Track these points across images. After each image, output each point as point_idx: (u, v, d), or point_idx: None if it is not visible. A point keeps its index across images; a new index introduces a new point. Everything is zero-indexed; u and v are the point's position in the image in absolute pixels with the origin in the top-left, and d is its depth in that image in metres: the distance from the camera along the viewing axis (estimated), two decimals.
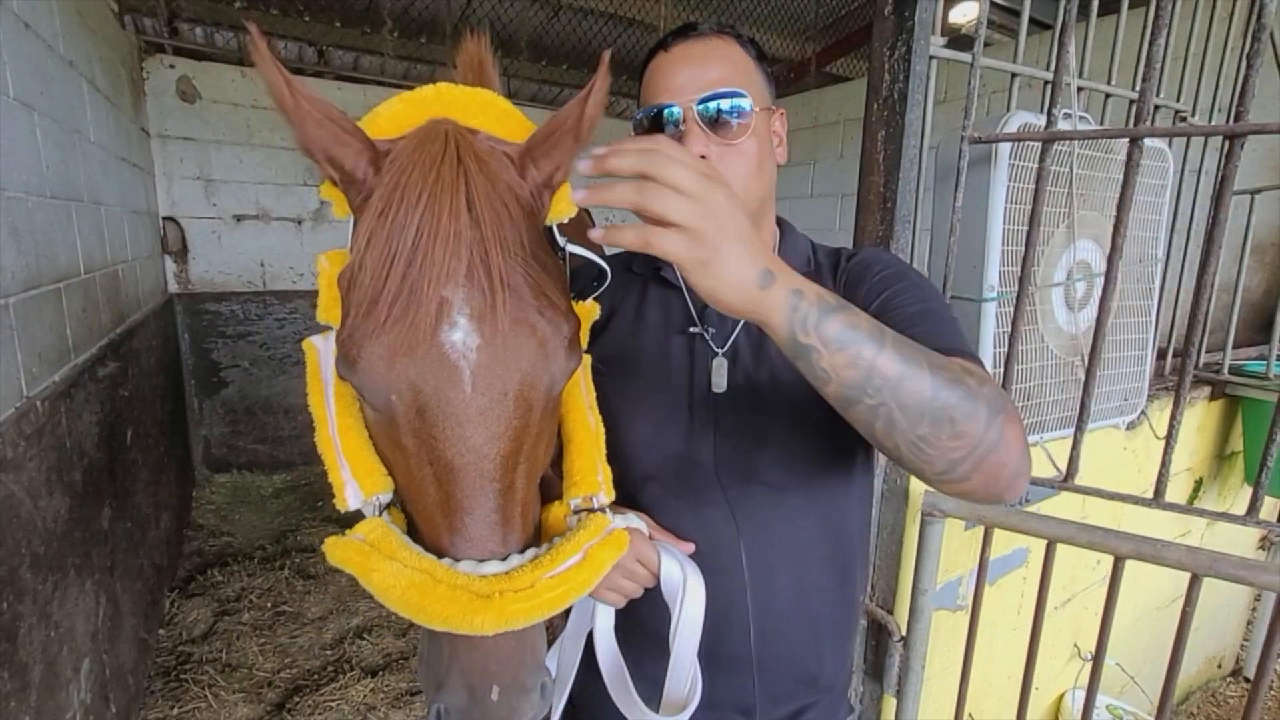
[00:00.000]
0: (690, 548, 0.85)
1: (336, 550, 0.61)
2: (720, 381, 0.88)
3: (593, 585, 0.63)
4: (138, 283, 3.04)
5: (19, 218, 1.63)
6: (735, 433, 0.87)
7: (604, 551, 0.66)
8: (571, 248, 0.74)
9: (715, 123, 0.82)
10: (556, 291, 0.63)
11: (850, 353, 0.57)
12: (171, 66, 3.90)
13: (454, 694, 0.60)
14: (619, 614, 0.87)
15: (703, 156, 0.80)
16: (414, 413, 0.58)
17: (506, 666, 0.60)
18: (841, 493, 0.90)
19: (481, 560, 0.59)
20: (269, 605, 2.93)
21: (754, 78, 0.87)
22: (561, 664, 0.90)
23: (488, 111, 0.67)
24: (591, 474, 0.74)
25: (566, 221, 0.70)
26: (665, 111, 0.83)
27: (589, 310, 0.76)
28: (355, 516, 0.65)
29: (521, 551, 0.62)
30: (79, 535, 1.78)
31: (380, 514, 0.65)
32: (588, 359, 0.81)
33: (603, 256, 0.83)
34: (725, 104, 0.82)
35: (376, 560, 0.59)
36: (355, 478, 0.64)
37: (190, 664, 2.53)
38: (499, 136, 0.66)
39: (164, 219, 3.97)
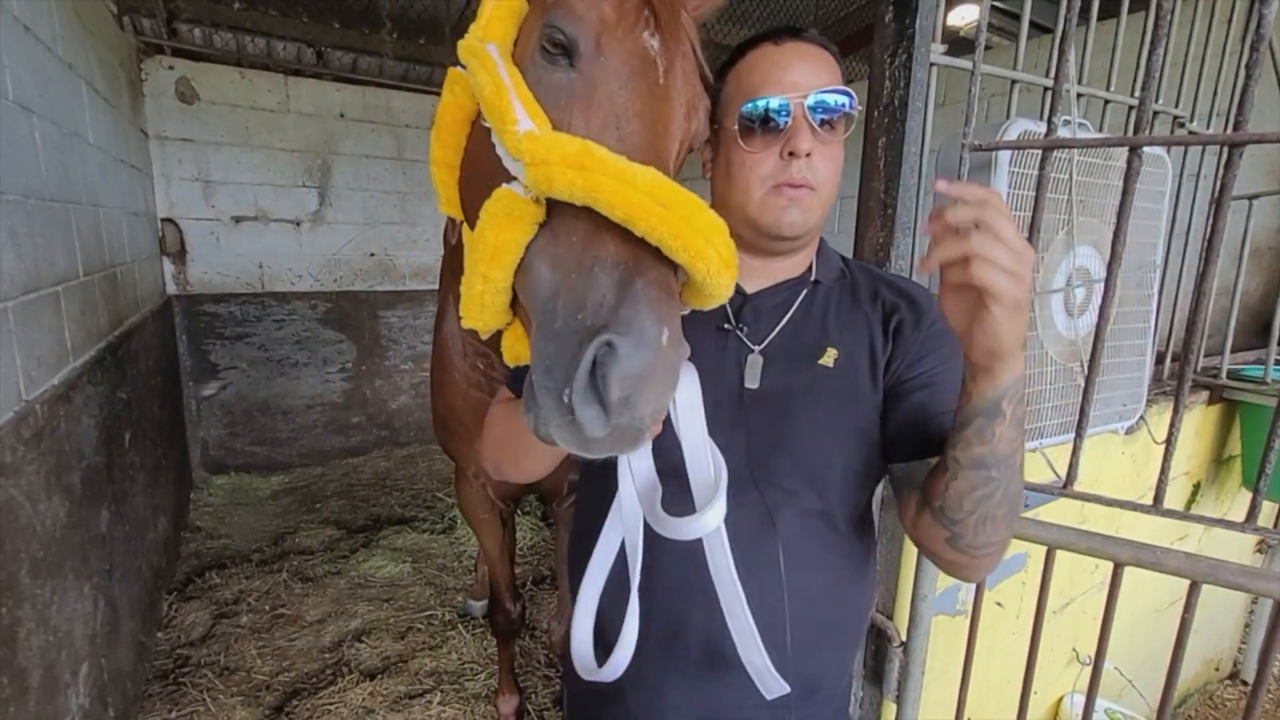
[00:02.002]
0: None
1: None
2: (754, 379, 0.88)
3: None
4: (136, 285, 3.03)
5: (18, 221, 1.62)
6: (762, 433, 0.87)
7: None
8: None
9: (821, 123, 0.82)
10: (699, 78, 0.78)
11: (1016, 433, 0.69)
12: (170, 68, 3.89)
13: (633, 322, 0.54)
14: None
15: (809, 154, 0.81)
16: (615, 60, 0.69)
17: (670, 311, 0.60)
18: (854, 505, 0.90)
19: None
20: (267, 608, 2.92)
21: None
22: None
23: None
24: None
25: None
26: (773, 104, 0.82)
27: None
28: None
29: None
30: (77, 539, 1.78)
31: None
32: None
33: None
34: (834, 99, 0.82)
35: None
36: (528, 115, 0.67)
37: (188, 667, 2.52)
38: None
39: (162, 220, 3.97)
